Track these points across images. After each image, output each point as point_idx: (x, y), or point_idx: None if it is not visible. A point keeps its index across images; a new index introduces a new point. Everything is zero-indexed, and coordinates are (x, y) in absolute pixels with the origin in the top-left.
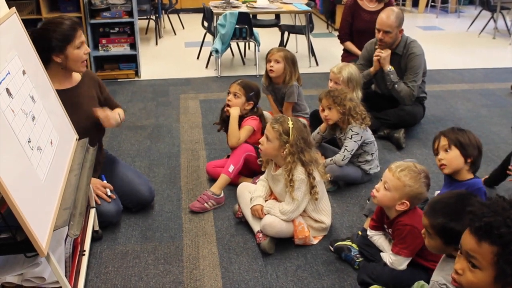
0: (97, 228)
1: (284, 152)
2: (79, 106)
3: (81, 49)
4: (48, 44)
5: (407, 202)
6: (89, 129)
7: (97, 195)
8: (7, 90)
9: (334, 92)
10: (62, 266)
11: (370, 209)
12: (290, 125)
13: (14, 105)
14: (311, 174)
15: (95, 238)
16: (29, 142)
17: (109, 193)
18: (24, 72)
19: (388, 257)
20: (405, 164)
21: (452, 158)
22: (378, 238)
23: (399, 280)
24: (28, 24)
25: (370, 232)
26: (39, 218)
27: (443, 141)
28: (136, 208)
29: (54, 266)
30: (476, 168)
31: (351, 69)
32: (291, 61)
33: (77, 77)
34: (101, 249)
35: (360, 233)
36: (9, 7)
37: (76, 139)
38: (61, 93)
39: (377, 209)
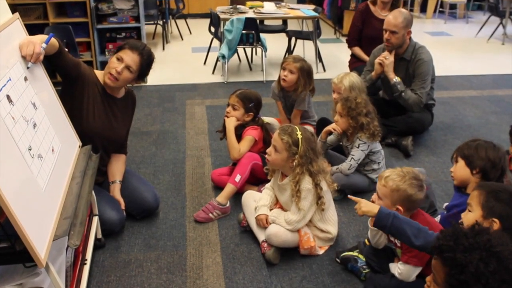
0: (99, 236)
1: (293, 163)
2: (110, 118)
3: (117, 62)
4: None
5: (401, 208)
6: (102, 139)
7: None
8: (8, 97)
9: (352, 103)
10: (62, 276)
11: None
12: (299, 136)
13: (15, 112)
14: (318, 185)
15: (98, 246)
16: (29, 150)
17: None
18: (25, 79)
19: (396, 267)
20: (391, 170)
21: (457, 169)
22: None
23: None
24: (35, 29)
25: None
26: (38, 228)
27: (455, 154)
28: (141, 216)
29: (53, 277)
30: (487, 180)
31: (352, 77)
32: (306, 73)
33: (122, 92)
34: (103, 257)
35: (367, 242)
36: (16, 12)
37: (79, 146)
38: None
39: None
